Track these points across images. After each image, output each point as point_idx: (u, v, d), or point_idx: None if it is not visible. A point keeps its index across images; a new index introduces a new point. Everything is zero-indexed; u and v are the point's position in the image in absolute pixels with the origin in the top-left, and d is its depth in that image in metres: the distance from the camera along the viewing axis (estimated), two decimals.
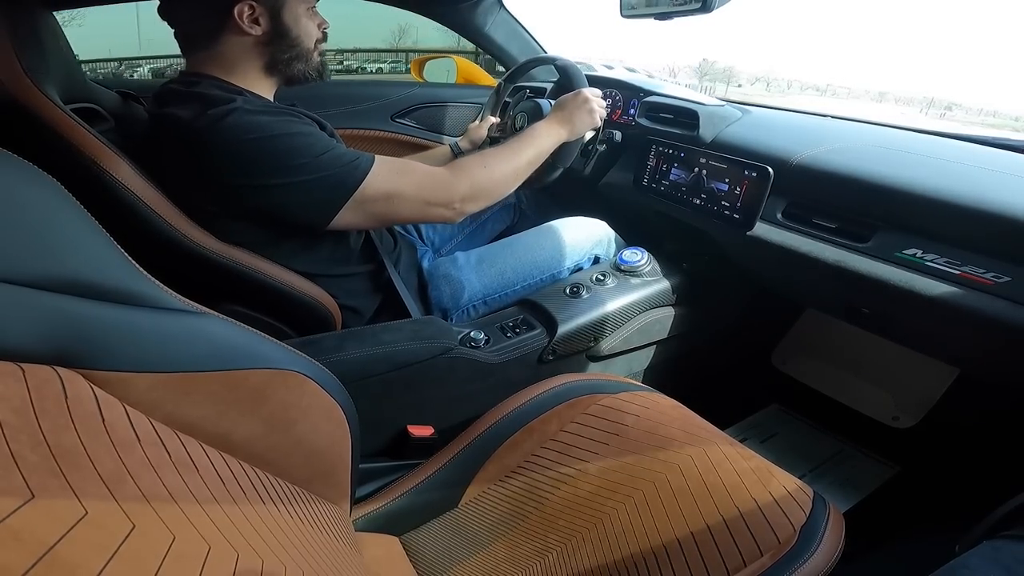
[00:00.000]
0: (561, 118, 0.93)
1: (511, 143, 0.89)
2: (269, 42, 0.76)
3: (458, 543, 0.65)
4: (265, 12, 0.73)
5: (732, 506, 0.57)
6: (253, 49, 0.76)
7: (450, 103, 1.49)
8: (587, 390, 0.74)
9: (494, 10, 1.41)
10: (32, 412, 0.30)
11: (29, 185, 0.36)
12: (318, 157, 0.71)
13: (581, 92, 0.95)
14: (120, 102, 0.96)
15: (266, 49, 0.76)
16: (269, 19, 0.74)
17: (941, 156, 0.81)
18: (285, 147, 0.70)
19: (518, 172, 0.86)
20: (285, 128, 0.71)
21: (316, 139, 0.72)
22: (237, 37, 0.74)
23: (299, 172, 0.70)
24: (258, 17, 0.73)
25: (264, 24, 0.74)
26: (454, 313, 0.93)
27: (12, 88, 0.64)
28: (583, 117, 0.94)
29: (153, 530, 0.31)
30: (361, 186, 0.72)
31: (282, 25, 0.75)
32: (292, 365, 0.50)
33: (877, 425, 1.12)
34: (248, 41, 0.74)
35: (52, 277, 0.36)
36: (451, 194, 0.79)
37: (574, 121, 0.94)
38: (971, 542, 0.40)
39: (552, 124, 0.92)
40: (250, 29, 0.73)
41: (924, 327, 0.79)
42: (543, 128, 0.91)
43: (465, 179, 0.80)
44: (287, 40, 0.77)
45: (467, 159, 0.84)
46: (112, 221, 0.45)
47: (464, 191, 0.79)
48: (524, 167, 0.87)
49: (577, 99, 0.94)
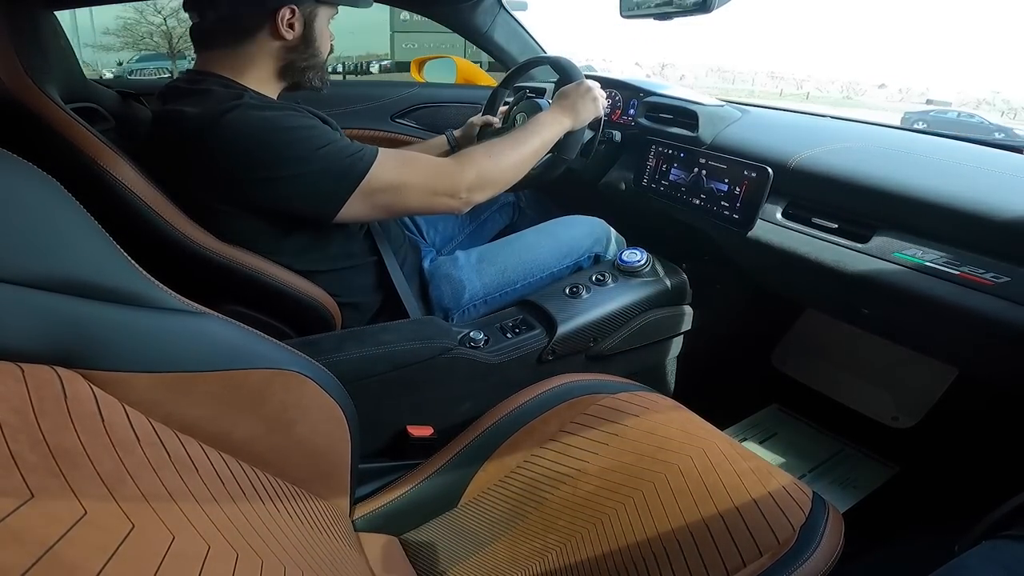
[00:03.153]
0: (564, 107, 0.93)
1: (516, 133, 0.89)
2: (295, 48, 0.77)
3: (458, 543, 0.65)
4: (301, 19, 0.75)
5: (731, 506, 0.57)
6: (277, 52, 0.77)
7: (450, 103, 1.49)
8: (587, 390, 0.74)
9: (494, 10, 1.41)
10: (32, 412, 0.30)
11: (29, 185, 0.36)
12: (323, 148, 0.71)
13: (583, 82, 0.96)
14: (120, 102, 0.96)
15: (289, 54, 0.78)
16: (303, 26, 0.76)
17: (941, 156, 0.81)
18: (290, 139, 0.70)
19: (524, 161, 0.86)
20: (290, 121, 0.71)
21: (320, 131, 0.73)
22: (268, 39, 0.75)
23: (305, 163, 0.70)
24: (294, 23, 0.75)
25: (297, 30, 0.76)
26: (455, 313, 0.93)
27: (13, 88, 0.64)
28: (587, 105, 0.94)
29: (153, 530, 0.31)
30: (367, 176, 0.72)
31: (312, 34, 0.78)
32: (292, 365, 0.50)
33: (876, 425, 1.12)
34: (276, 44, 0.76)
35: (52, 277, 0.36)
36: (457, 183, 0.79)
37: (578, 109, 0.93)
38: (971, 542, 0.40)
39: (556, 113, 0.92)
40: (286, 33, 0.75)
41: (924, 327, 0.79)
42: (547, 117, 0.91)
43: (471, 168, 0.80)
44: (311, 48, 0.79)
45: (472, 149, 0.84)
46: (113, 221, 0.45)
47: (471, 180, 0.79)
48: (529, 156, 0.87)
49: (580, 88, 0.95)
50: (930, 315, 0.71)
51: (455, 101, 1.50)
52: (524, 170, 0.87)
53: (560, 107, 0.93)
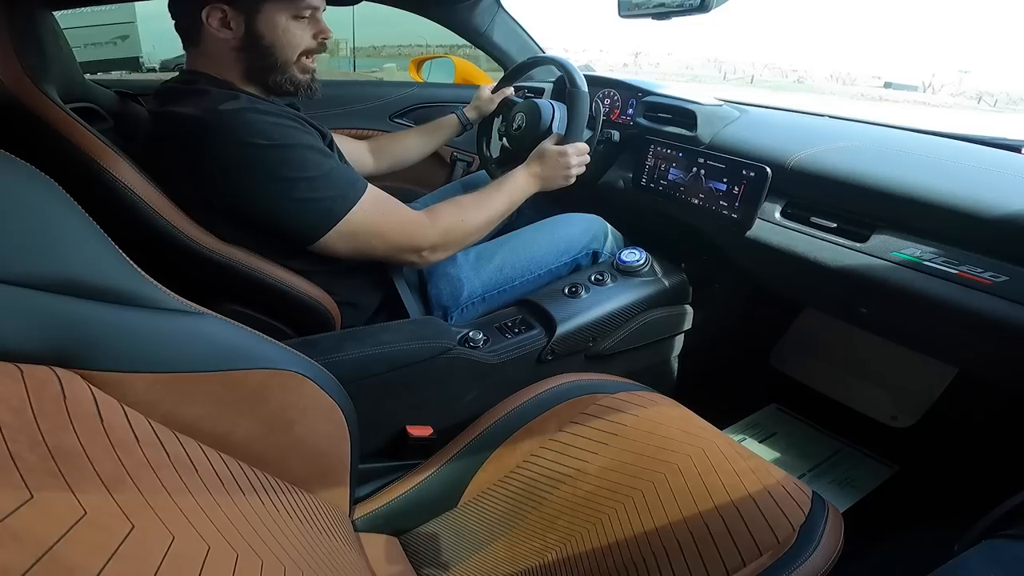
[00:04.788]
0: (536, 172, 0.95)
1: (488, 192, 0.91)
2: (242, 48, 0.74)
3: (457, 543, 0.65)
4: (238, 17, 0.72)
5: (731, 506, 0.57)
6: (231, 53, 0.74)
7: (448, 103, 1.49)
8: (586, 390, 0.74)
9: (492, 10, 1.41)
10: (31, 412, 0.30)
11: (26, 186, 0.36)
12: (316, 177, 0.71)
13: (566, 152, 0.95)
14: (118, 102, 0.96)
15: (241, 55, 0.74)
16: (243, 24, 0.72)
17: (939, 156, 0.81)
18: (286, 158, 0.70)
19: (490, 223, 0.89)
20: (290, 138, 0.71)
21: (318, 156, 0.72)
22: (214, 39, 0.73)
23: (294, 188, 0.70)
24: (229, 21, 0.72)
25: (236, 29, 0.72)
26: (454, 311, 0.93)
27: (12, 87, 0.64)
28: (557, 179, 0.96)
29: (152, 530, 0.31)
30: (346, 217, 0.73)
31: (255, 32, 0.73)
32: (291, 365, 0.50)
33: (876, 425, 1.12)
34: (225, 45, 0.73)
35: (50, 278, 0.36)
36: (422, 242, 0.81)
37: (547, 179, 0.96)
38: (970, 541, 0.40)
39: (528, 177, 0.95)
40: (219, 32, 0.72)
41: (922, 326, 0.79)
42: (519, 179, 0.94)
43: (439, 228, 0.82)
44: (259, 48, 0.74)
45: (445, 207, 0.85)
46: (112, 220, 0.45)
47: (435, 240, 0.81)
48: (496, 218, 0.90)
49: (559, 160, 0.95)
50: (928, 314, 0.71)
51: (453, 101, 1.49)
52: (487, 231, 0.90)
53: (534, 172, 0.95)
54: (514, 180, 0.93)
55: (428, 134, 1.19)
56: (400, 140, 1.18)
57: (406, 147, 1.17)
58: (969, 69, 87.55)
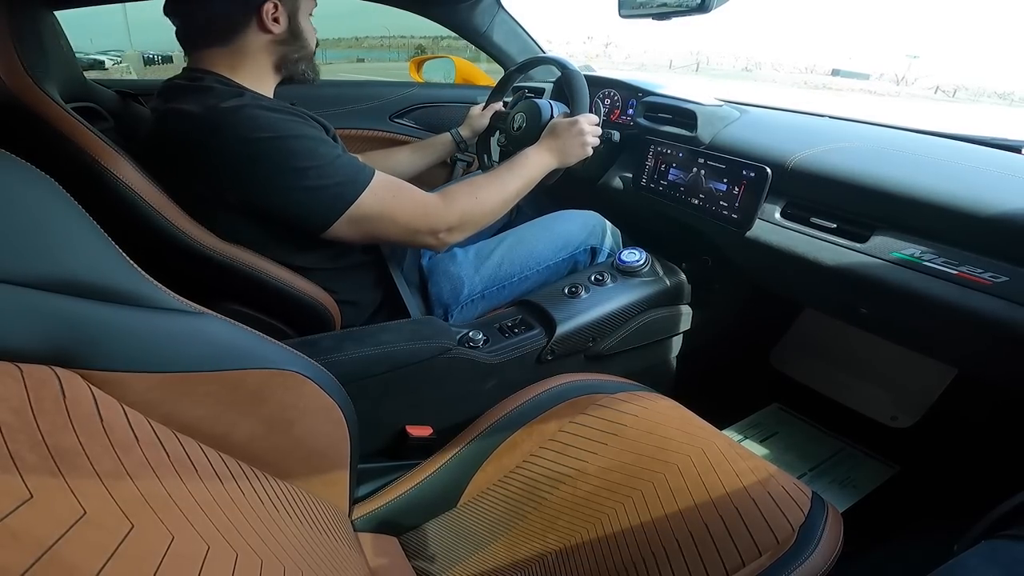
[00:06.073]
0: (552, 146, 0.94)
1: (501, 172, 0.89)
2: (283, 42, 0.79)
3: (457, 543, 0.65)
4: (284, 13, 0.77)
5: (731, 506, 0.57)
6: (268, 47, 0.78)
7: (448, 103, 1.49)
8: (586, 390, 0.74)
9: (492, 10, 1.41)
10: (30, 412, 0.30)
11: (26, 185, 0.36)
12: (324, 165, 0.71)
13: (577, 121, 0.95)
14: (119, 101, 0.96)
15: (279, 48, 0.79)
16: (287, 19, 0.78)
17: (939, 156, 0.81)
18: (292, 148, 0.70)
19: (506, 203, 0.88)
20: (294, 130, 0.71)
21: (323, 146, 0.73)
22: (256, 34, 0.76)
23: (303, 177, 0.70)
24: (279, 16, 0.76)
25: (283, 23, 0.77)
26: (455, 308, 0.93)
27: (13, 87, 0.64)
28: (574, 148, 0.95)
29: (152, 530, 0.31)
30: (357, 202, 0.73)
31: (297, 26, 0.79)
32: (291, 365, 0.50)
33: (876, 425, 1.12)
34: (265, 39, 0.77)
35: (50, 277, 0.36)
36: (438, 224, 0.80)
37: (565, 151, 0.95)
38: (970, 542, 0.40)
39: (542, 152, 0.94)
40: (272, 27, 0.76)
41: (922, 327, 0.79)
42: (533, 156, 0.93)
43: (455, 209, 0.81)
44: (299, 41, 0.81)
45: (459, 188, 0.85)
46: (113, 220, 0.45)
47: (452, 221, 0.81)
48: (512, 197, 0.89)
49: (572, 129, 0.95)
50: (928, 314, 0.71)
51: (453, 101, 1.50)
52: (506, 210, 0.89)
53: (548, 146, 0.94)
54: (527, 158, 0.92)
55: (421, 151, 1.20)
56: (393, 156, 1.18)
57: (398, 163, 1.17)
58: (918, 54, 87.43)
